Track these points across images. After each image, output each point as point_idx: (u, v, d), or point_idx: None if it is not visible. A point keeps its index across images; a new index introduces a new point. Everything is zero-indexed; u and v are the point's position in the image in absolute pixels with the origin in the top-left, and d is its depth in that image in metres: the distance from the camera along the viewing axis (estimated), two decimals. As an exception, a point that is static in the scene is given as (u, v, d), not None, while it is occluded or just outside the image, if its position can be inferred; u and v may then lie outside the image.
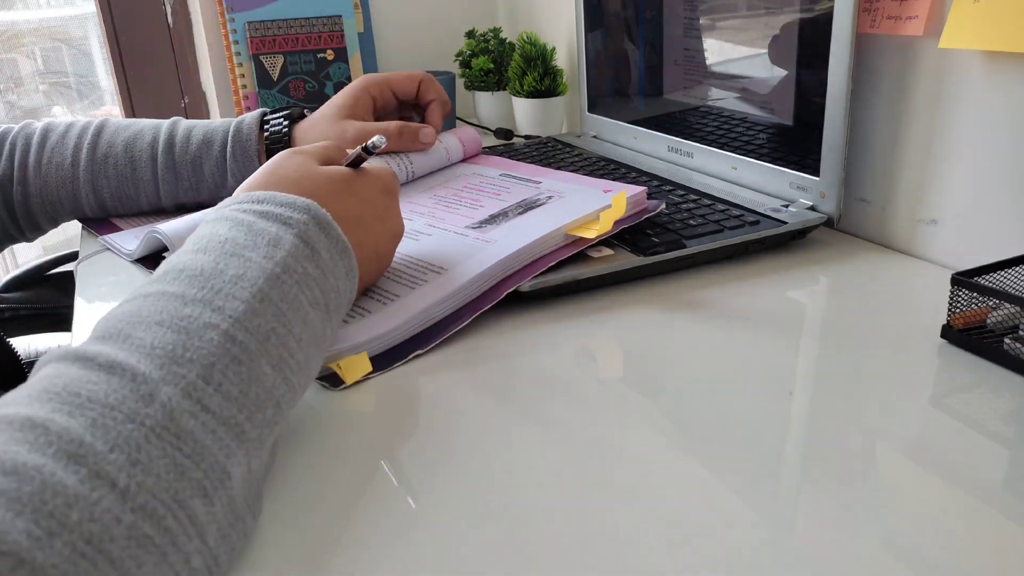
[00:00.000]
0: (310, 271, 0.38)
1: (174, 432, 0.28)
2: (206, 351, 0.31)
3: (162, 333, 0.31)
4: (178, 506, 0.27)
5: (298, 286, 0.37)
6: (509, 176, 0.73)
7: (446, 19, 1.25)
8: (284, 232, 0.39)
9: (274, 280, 0.36)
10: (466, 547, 0.33)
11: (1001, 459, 0.37)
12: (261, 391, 0.33)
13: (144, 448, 0.27)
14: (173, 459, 0.28)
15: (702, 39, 0.75)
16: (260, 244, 0.37)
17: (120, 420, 0.27)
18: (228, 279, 0.35)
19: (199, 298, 0.33)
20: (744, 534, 0.33)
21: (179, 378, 0.30)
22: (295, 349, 0.36)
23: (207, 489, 0.28)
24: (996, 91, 0.54)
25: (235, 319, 0.33)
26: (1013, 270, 0.48)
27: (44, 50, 1.64)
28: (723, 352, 0.48)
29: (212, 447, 0.29)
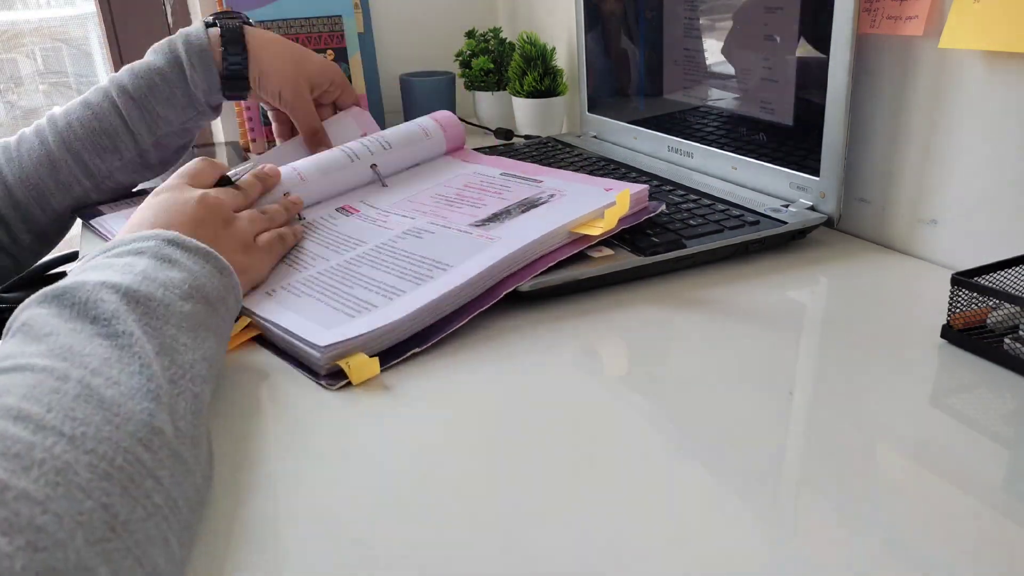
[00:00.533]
0: (174, 276, 0.42)
1: (97, 399, 0.32)
2: (98, 353, 0.35)
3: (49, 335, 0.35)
4: (124, 452, 0.30)
5: (163, 288, 0.40)
6: (510, 175, 0.73)
7: (446, 19, 1.25)
8: (138, 259, 0.42)
9: (137, 285, 0.39)
10: (466, 547, 0.33)
11: (1001, 459, 0.37)
12: (159, 368, 0.36)
13: (76, 408, 0.31)
14: (103, 417, 0.31)
15: (702, 39, 0.75)
16: (116, 269, 0.41)
17: (46, 393, 0.31)
18: (92, 287, 0.38)
19: (73, 314, 0.37)
20: (744, 534, 0.33)
21: (84, 363, 0.33)
22: (177, 335, 0.39)
23: (144, 439, 0.32)
24: (996, 91, 0.54)
25: (109, 319, 0.37)
26: (1013, 270, 0.48)
27: (44, 50, 1.64)
28: (723, 352, 0.48)
29: (133, 408, 0.33)
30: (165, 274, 0.42)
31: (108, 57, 1.22)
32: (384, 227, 0.64)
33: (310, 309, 0.51)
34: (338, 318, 0.50)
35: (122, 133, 0.74)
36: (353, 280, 0.55)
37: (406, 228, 0.63)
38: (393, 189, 0.73)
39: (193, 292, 0.42)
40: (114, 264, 0.42)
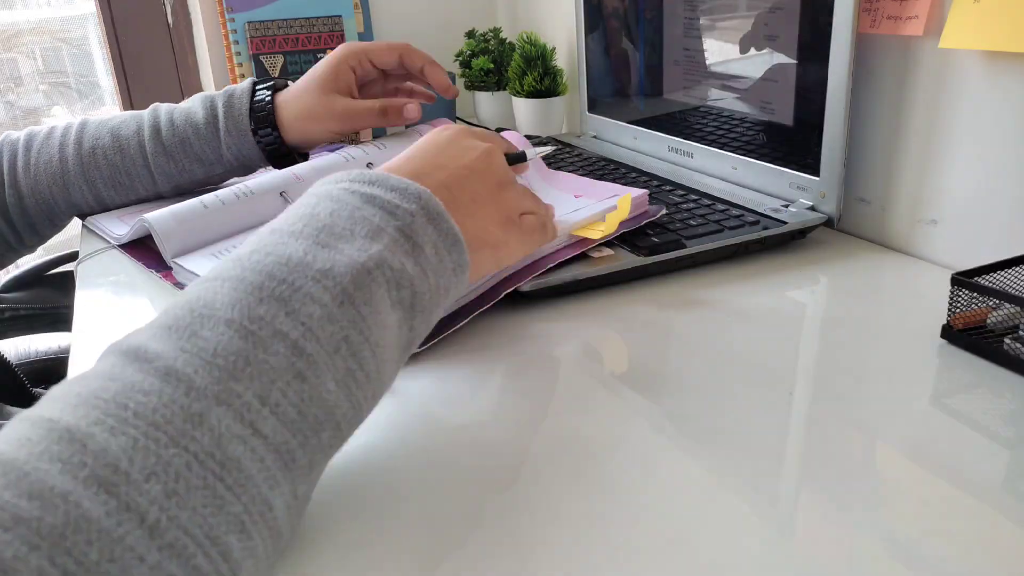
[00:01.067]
0: (407, 268, 0.35)
1: (219, 460, 0.26)
2: (269, 366, 0.29)
3: (228, 337, 0.29)
4: (211, 543, 0.25)
5: (387, 285, 0.34)
6: None
7: (446, 19, 1.25)
8: (386, 222, 0.35)
9: (363, 277, 0.33)
10: (464, 547, 0.33)
11: (1001, 459, 0.37)
12: (320, 412, 0.30)
13: (183, 477, 0.25)
14: (213, 490, 0.26)
15: (702, 39, 0.75)
16: (357, 235, 0.34)
17: (163, 443, 0.26)
18: (312, 274, 0.32)
19: (276, 295, 0.31)
20: (744, 534, 0.33)
21: (235, 397, 0.28)
22: (367, 359, 0.32)
23: (245, 524, 0.26)
24: (996, 91, 0.54)
25: (308, 328, 0.30)
26: (1013, 270, 0.48)
27: (44, 50, 1.64)
28: (723, 352, 0.48)
29: (257, 477, 0.27)
30: (400, 262, 0.35)
31: (108, 57, 1.22)
32: None
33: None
34: None
35: (143, 176, 0.73)
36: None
37: None
38: None
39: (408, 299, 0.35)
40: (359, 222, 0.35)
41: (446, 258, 0.38)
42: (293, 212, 0.36)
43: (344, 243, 0.34)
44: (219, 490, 0.26)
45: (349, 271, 0.33)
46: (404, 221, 0.36)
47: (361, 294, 0.32)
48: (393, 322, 0.34)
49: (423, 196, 0.37)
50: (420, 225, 0.36)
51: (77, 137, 0.72)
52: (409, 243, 0.36)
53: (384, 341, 0.33)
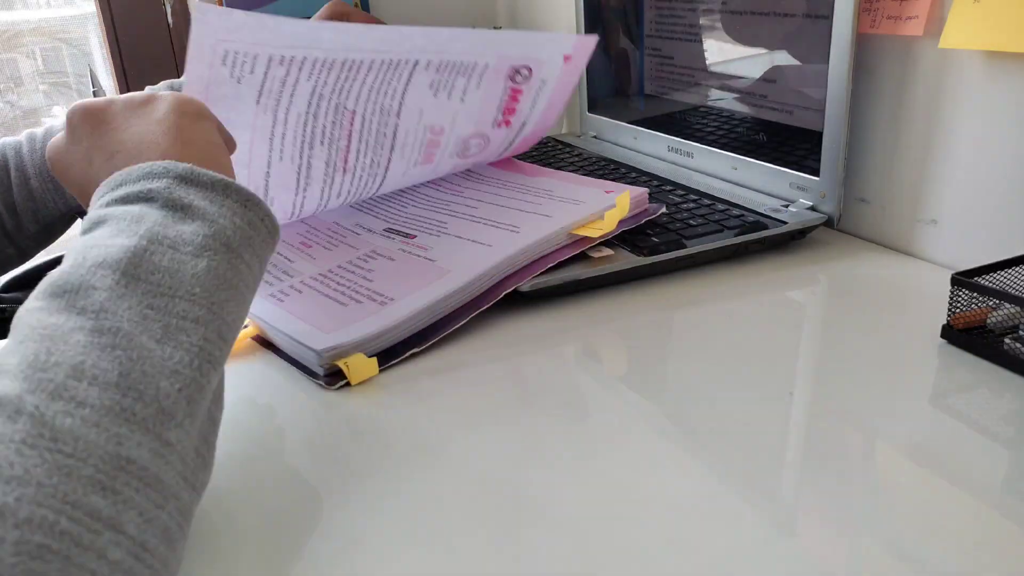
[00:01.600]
0: (185, 231, 0.36)
1: (49, 437, 0.27)
2: (72, 352, 0.30)
3: (23, 348, 0.30)
4: (71, 507, 0.26)
5: (172, 250, 0.35)
6: (510, 182, 0.73)
7: (446, 19, 1.25)
8: (147, 208, 0.36)
9: (140, 255, 0.34)
10: (466, 547, 0.33)
11: (1001, 459, 0.37)
12: (148, 367, 0.31)
13: (17, 463, 0.25)
14: (53, 463, 0.26)
15: (702, 39, 0.75)
16: (123, 228, 0.35)
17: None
18: (87, 270, 0.33)
19: (61, 307, 0.31)
20: (744, 534, 0.33)
21: (45, 383, 0.28)
22: (188, 309, 0.33)
23: (103, 481, 0.27)
24: (996, 91, 0.54)
25: (97, 311, 0.31)
26: (1013, 270, 0.48)
27: (44, 50, 1.64)
28: (723, 352, 0.48)
29: (97, 439, 0.28)
30: (176, 229, 0.36)
31: (108, 57, 1.22)
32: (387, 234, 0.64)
33: (310, 309, 0.51)
34: (337, 319, 0.50)
35: None
36: (354, 280, 0.55)
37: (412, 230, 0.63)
38: (396, 190, 0.73)
39: (209, 243, 0.36)
40: (120, 219, 0.36)
41: (226, 201, 0.38)
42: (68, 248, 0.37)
43: (112, 239, 0.35)
44: (59, 460, 0.26)
45: (124, 254, 0.33)
46: (162, 197, 0.37)
47: (146, 267, 0.34)
48: (203, 268, 0.35)
49: (170, 168, 0.38)
50: (179, 191, 0.37)
51: None
52: (178, 211, 0.36)
53: (202, 287, 0.35)
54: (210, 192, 0.38)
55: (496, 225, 0.60)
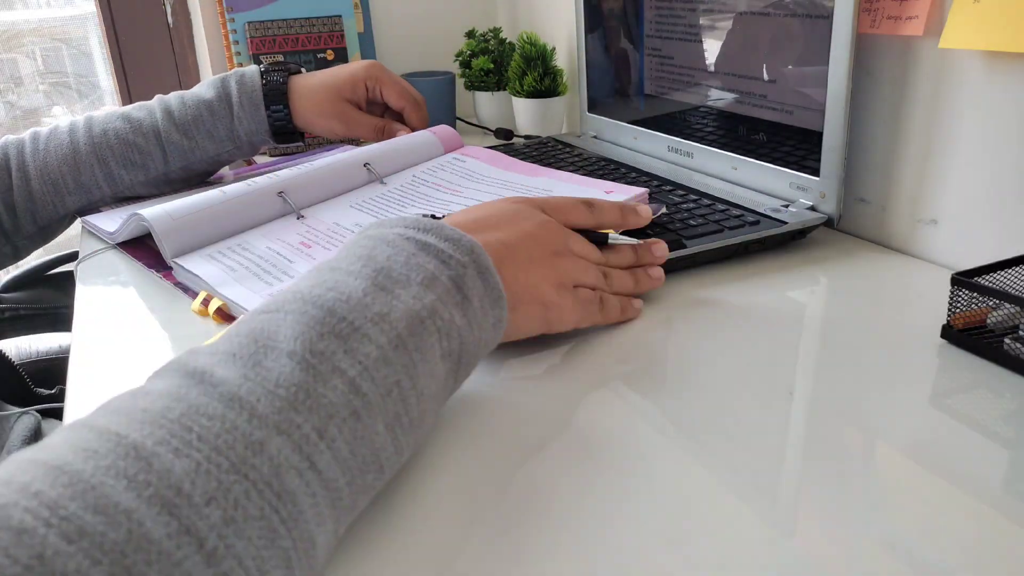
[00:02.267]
0: (456, 320, 0.36)
1: (276, 491, 0.26)
2: (328, 400, 0.29)
3: (290, 368, 0.29)
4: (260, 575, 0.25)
5: (438, 334, 0.35)
6: (509, 182, 0.73)
7: (446, 19, 1.25)
8: (440, 271, 0.36)
9: (416, 325, 0.34)
10: (465, 547, 0.33)
11: (1001, 459, 0.37)
12: (368, 453, 0.31)
13: (242, 505, 0.25)
14: (269, 522, 0.26)
15: (702, 39, 0.75)
16: (413, 281, 0.35)
17: (225, 469, 0.26)
18: (371, 316, 0.33)
19: (337, 331, 0.31)
20: (744, 534, 0.33)
21: (295, 428, 0.28)
22: (413, 405, 0.33)
23: (291, 559, 0.26)
24: (996, 91, 0.54)
25: (365, 367, 0.31)
26: (1013, 270, 0.48)
27: (44, 50, 1.64)
28: (723, 352, 0.48)
29: (308, 513, 0.27)
30: (450, 313, 0.36)
31: (108, 57, 1.22)
32: None
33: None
34: None
35: (155, 153, 0.76)
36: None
37: None
38: (392, 190, 0.73)
39: (455, 349, 0.36)
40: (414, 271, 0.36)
41: (489, 312, 0.39)
42: (350, 251, 0.37)
43: (400, 288, 0.35)
44: (274, 522, 0.26)
45: (405, 317, 0.34)
46: (456, 272, 0.37)
47: (414, 341, 0.33)
48: (440, 372, 0.35)
49: (475, 249, 0.38)
50: (471, 277, 0.37)
51: (87, 125, 0.76)
52: (460, 294, 0.37)
53: (429, 390, 0.34)
54: (487, 296, 0.39)
55: None
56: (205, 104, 0.77)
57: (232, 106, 0.77)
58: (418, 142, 0.80)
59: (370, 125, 0.83)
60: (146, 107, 0.77)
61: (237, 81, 0.78)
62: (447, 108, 1.12)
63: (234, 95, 0.77)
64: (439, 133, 0.82)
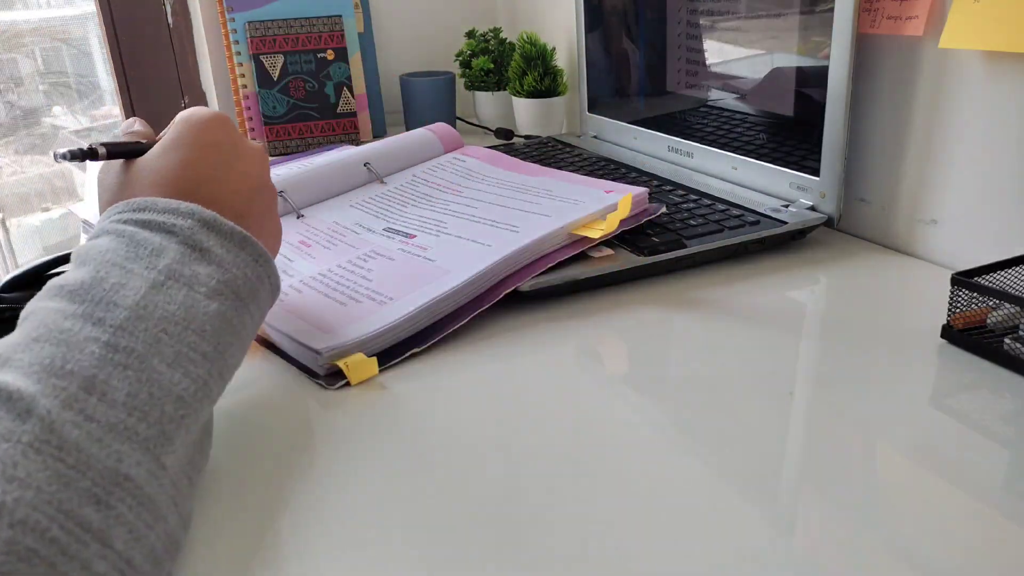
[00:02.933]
0: (201, 271, 0.38)
1: (55, 444, 0.28)
2: (87, 363, 0.31)
3: (39, 348, 0.31)
4: (64, 516, 0.27)
5: (187, 287, 0.36)
6: (509, 181, 0.73)
7: (446, 19, 1.25)
8: (167, 241, 0.38)
9: (157, 288, 0.35)
10: (465, 547, 0.33)
11: (1001, 459, 0.37)
12: (156, 389, 0.32)
13: (21, 464, 0.27)
14: (55, 471, 0.27)
15: (702, 39, 0.75)
16: (142, 255, 0.37)
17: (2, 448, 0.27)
18: (108, 288, 0.34)
19: (79, 312, 0.33)
20: (744, 534, 0.33)
21: (59, 390, 0.29)
22: (198, 342, 0.35)
23: (99, 496, 0.28)
24: (996, 91, 0.54)
25: (116, 327, 0.33)
26: (1013, 270, 0.48)
27: (44, 50, 1.64)
28: (723, 352, 0.48)
29: (99, 454, 0.29)
30: (192, 268, 0.37)
31: (108, 57, 1.22)
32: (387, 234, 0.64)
33: (309, 309, 0.51)
34: (336, 319, 0.50)
35: None
36: (353, 279, 0.55)
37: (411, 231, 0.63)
38: (392, 189, 0.73)
39: (222, 288, 0.38)
40: (140, 245, 0.37)
41: (240, 253, 0.40)
42: (75, 252, 0.38)
43: (132, 263, 0.36)
44: (60, 469, 0.27)
45: (144, 283, 0.35)
46: (184, 235, 0.38)
47: (163, 297, 0.35)
48: (216, 309, 0.37)
49: (194, 211, 0.40)
50: (201, 235, 0.39)
51: None
52: (196, 251, 0.38)
53: (212, 325, 0.37)
54: (228, 242, 0.40)
55: (495, 225, 0.60)
56: None
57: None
58: (418, 142, 0.80)
59: None
60: None
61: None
62: (447, 108, 1.12)
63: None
64: (439, 132, 0.82)
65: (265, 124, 1.07)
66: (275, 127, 1.07)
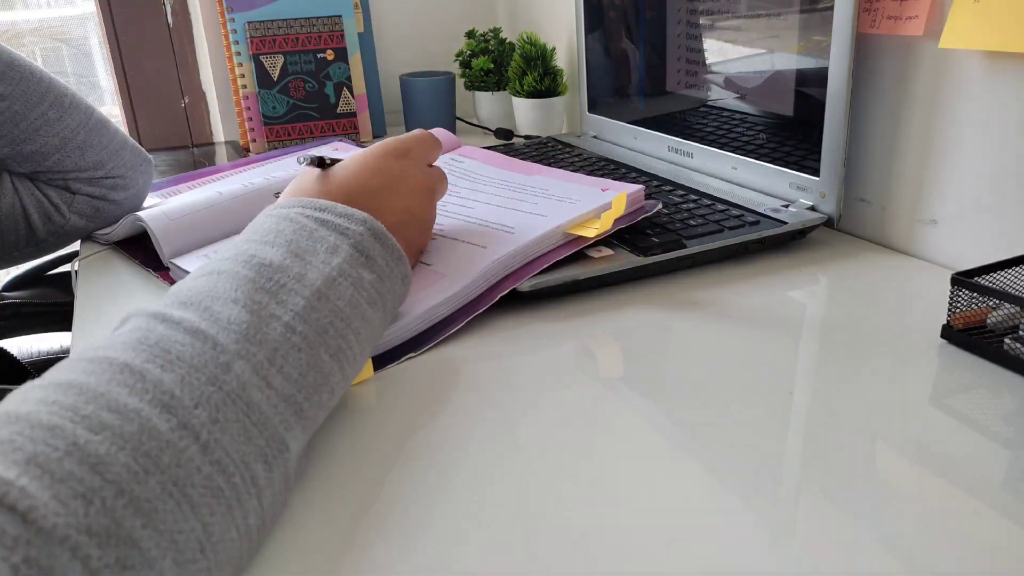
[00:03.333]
0: (365, 276, 0.41)
1: (245, 401, 0.31)
2: (271, 337, 0.34)
3: (237, 311, 0.34)
4: (244, 467, 0.30)
5: (353, 288, 0.40)
6: (505, 180, 0.73)
7: (446, 19, 1.25)
8: (341, 241, 0.41)
9: (331, 283, 0.39)
10: (466, 547, 0.33)
11: (1001, 459, 0.37)
12: (318, 376, 0.36)
13: (222, 409, 0.30)
14: (243, 424, 0.31)
15: (702, 39, 0.75)
16: (319, 250, 0.40)
17: (203, 381, 0.31)
18: (291, 276, 0.38)
19: (266, 288, 0.37)
20: (744, 534, 0.33)
21: (251, 355, 0.33)
22: (353, 341, 0.39)
23: (268, 456, 0.31)
24: (996, 91, 0.54)
25: (296, 313, 0.36)
26: (1013, 270, 0.48)
27: (44, 50, 1.64)
28: (723, 352, 0.48)
29: (274, 419, 0.32)
30: (359, 272, 0.41)
31: (108, 57, 1.22)
32: None
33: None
34: None
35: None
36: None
37: None
38: None
39: (378, 298, 0.42)
40: (318, 243, 0.41)
41: (395, 269, 0.44)
42: (260, 227, 0.42)
43: (310, 256, 0.40)
44: (247, 425, 0.31)
45: (320, 277, 0.39)
46: (355, 239, 0.42)
47: (333, 293, 0.39)
48: (372, 316, 0.41)
49: (367, 220, 0.44)
50: (369, 242, 0.43)
51: None
52: (363, 257, 0.42)
53: (365, 330, 0.40)
54: (389, 255, 0.44)
55: (491, 226, 0.60)
56: None
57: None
58: None
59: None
60: None
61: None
62: (447, 108, 1.12)
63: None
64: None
65: (265, 124, 1.07)
66: (275, 127, 1.07)
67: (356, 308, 0.40)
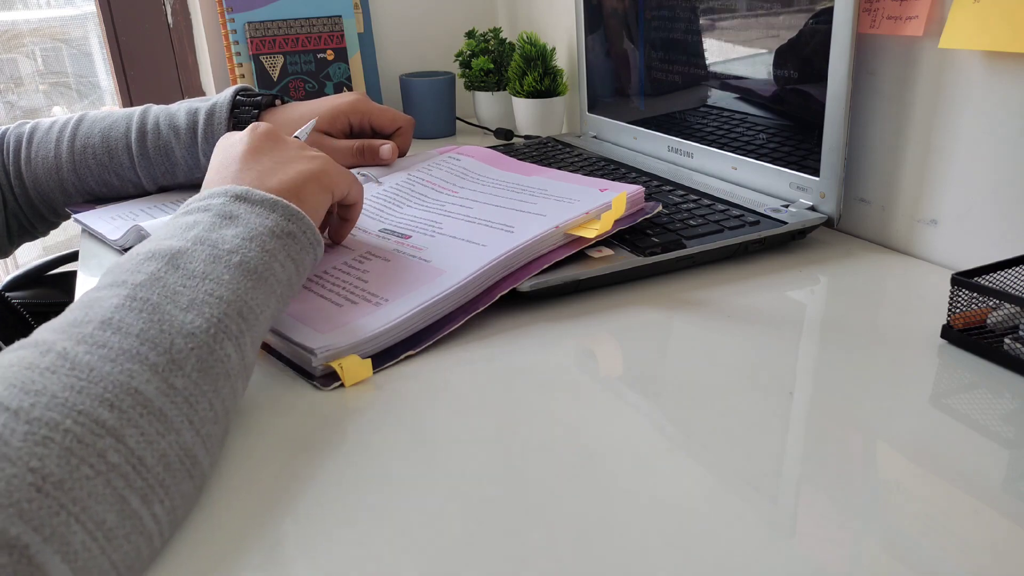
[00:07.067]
0: (227, 234, 0.42)
1: (70, 365, 0.32)
2: (105, 308, 0.35)
3: (69, 312, 0.36)
4: (78, 414, 0.30)
5: (211, 247, 0.41)
6: (505, 181, 0.73)
7: (446, 19, 1.25)
8: (202, 216, 0.43)
9: (183, 252, 0.40)
10: (465, 547, 0.33)
11: (1001, 459, 0.37)
12: (167, 327, 0.36)
13: (38, 381, 0.31)
14: (68, 383, 0.31)
15: (702, 39, 0.75)
16: (175, 232, 0.42)
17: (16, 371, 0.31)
18: (137, 259, 0.39)
19: (105, 283, 0.38)
20: (744, 534, 0.33)
21: (75, 334, 0.34)
22: (214, 289, 0.39)
23: (111, 401, 0.32)
24: (996, 91, 0.54)
25: (136, 285, 0.37)
26: (1013, 270, 0.48)
27: (44, 50, 1.64)
28: (723, 352, 0.48)
29: (111, 371, 0.33)
30: (219, 233, 0.42)
31: (108, 57, 1.22)
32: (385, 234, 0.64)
33: (304, 309, 0.51)
34: (332, 320, 0.50)
35: (130, 177, 0.77)
36: (349, 280, 0.55)
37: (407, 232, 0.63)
38: (388, 190, 0.73)
39: (244, 243, 0.42)
40: (176, 229, 0.43)
41: (271, 215, 0.45)
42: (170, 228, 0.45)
43: (166, 240, 0.41)
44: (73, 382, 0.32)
45: (169, 251, 0.40)
46: (216, 209, 0.44)
47: (184, 259, 0.40)
48: (236, 261, 0.41)
49: (227, 190, 0.45)
50: (231, 205, 0.44)
51: (72, 133, 0.76)
52: (226, 219, 0.43)
53: (231, 275, 0.40)
54: (258, 207, 0.45)
55: (491, 225, 0.60)
56: (174, 132, 0.75)
57: (197, 138, 0.75)
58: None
59: (347, 149, 0.76)
60: (125, 123, 0.76)
61: (206, 112, 0.75)
62: (447, 108, 1.12)
63: (200, 127, 0.75)
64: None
65: (265, 124, 1.06)
66: (275, 127, 1.07)
67: (215, 263, 0.40)
